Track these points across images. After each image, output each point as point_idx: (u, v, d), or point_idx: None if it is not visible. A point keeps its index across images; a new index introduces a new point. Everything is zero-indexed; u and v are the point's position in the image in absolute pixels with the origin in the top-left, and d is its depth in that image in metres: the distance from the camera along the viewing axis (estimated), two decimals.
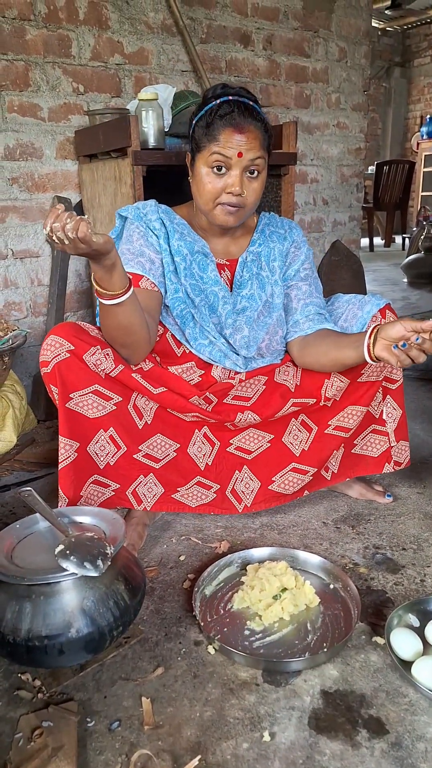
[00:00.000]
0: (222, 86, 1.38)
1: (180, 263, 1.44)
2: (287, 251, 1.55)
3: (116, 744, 0.94)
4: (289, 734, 0.95)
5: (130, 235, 1.43)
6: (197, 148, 1.35)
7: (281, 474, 1.55)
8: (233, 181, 1.33)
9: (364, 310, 1.47)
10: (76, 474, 1.36)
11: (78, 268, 2.44)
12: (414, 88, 8.67)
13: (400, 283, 5.27)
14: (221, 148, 1.30)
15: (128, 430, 1.40)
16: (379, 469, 1.61)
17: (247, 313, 1.49)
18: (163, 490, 1.47)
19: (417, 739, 0.94)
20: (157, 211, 1.45)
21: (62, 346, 1.30)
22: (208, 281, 1.47)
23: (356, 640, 1.15)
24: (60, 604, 1.02)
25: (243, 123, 1.30)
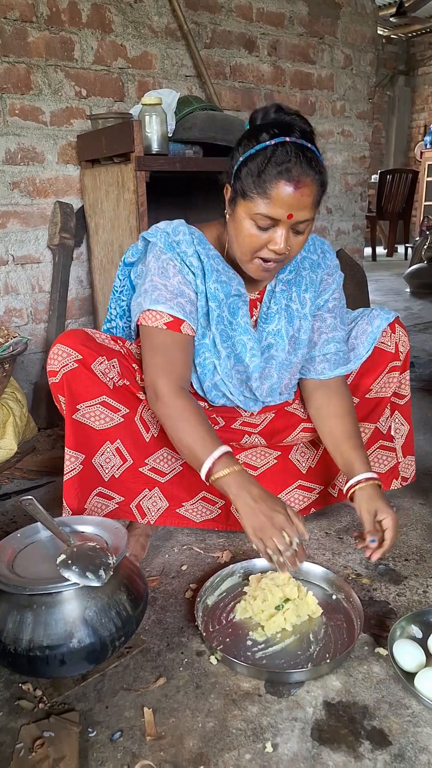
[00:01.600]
0: (276, 110, 1.19)
1: (214, 309, 1.31)
2: (321, 279, 1.40)
3: (118, 755, 0.94)
4: (292, 745, 0.95)
5: (164, 268, 1.27)
6: (242, 193, 1.16)
7: (287, 491, 1.54)
8: (278, 239, 1.17)
9: (373, 325, 1.46)
10: (81, 486, 1.33)
11: (80, 275, 2.43)
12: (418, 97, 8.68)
13: (402, 293, 5.27)
14: (271, 208, 1.13)
15: (135, 442, 1.37)
16: (386, 485, 1.59)
17: (272, 352, 1.38)
18: (167, 504, 1.44)
19: (420, 750, 0.93)
20: (193, 242, 1.28)
21: (70, 356, 1.27)
22: (238, 328, 1.34)
23: (359, 651, 1.14)
24: (61, 614, 1.01)
25: (300, 177, 1.12)
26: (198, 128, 2.21)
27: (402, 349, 1.48)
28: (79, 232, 2.36)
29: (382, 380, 1.50)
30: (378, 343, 1.47)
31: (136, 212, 1.98)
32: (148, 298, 1.26)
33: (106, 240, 2.23)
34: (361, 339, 1.47)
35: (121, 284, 1.44)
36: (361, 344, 1.46)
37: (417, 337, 3.55)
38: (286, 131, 1.13)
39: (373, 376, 1.49)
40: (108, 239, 2.21)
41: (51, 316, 2.35)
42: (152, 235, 1.30)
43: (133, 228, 2.01)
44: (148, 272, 1.28)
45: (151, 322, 1.26)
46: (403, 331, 1.49)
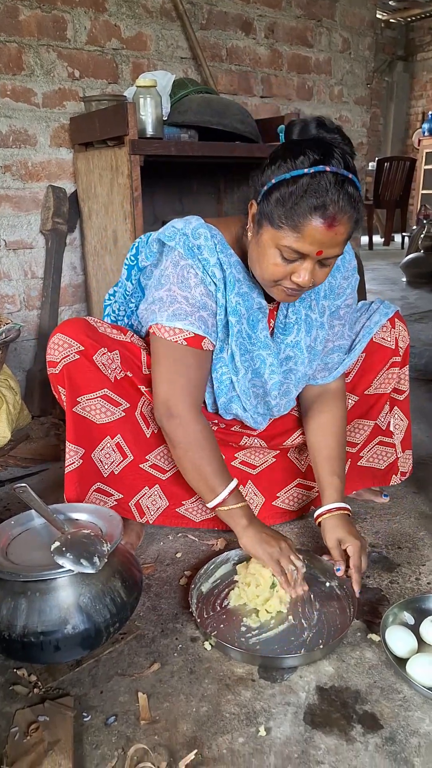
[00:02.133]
0: (317, 125, 1.08)
1: (234, 325, 1.24)
2: (338, 284, 1.32)
3: (112, 738, 0.95)
4: (285, 729, 0.96)
5: (184, 276, 1.19)
6: (270, 219, 1.07)
7: (286, 490, 1.54)
8: (303, 274, 1.10)
9: (372, 320, 1.44)
10: (80, 480, 1.30)
11: (73, 261, 2.41)
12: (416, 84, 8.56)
13: (399, 283, 5.26)
14: (300, 243, 1.05)
15: (136, 438, 1.34)
16: (386, 481, 1.59)
17: (291, 365, 1.33)
18: (167, 504, 1.42)
19: (411, 734, 0.95)
20: (215, 248, 1.18)
21: (71, 347, 1.23)
22: (257, 342, 1.28)
23: (352, 637, 1.16)
24: (56, 601, 1.02)
25: (336, 215, 1.03)
26: (193, 111, 2.18)
27: (402, 345, 1.46)
28: (73, 217, 2.34)
29: (382, 376, 1.48)
30: (378, 339, 1.45)
31: (130, 197, 1.95)
32: (164, 310, 1.19)
33: (99, 225, 2.21)
34: (360, 333, 1.44)
35: (133, 288, 1.37)
36: (358, 341, 1.44)
37: (413, 327, 3.55)
38: (326, 156, 1.03)
39: (374, 373, 1.48)
40: (102, 224, 2.19)
41: (44, 303, 2.33)
42: (170, 238, 1.20)
43: (127, 213, 1.99)
44: (166, 280, 1.20)
45: (168, 336, 1.19)
46: (402, 326, 1.47)
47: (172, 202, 2.57)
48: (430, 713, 0.98)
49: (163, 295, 1.20)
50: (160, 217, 2.50)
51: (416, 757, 0.91)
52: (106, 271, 2.24)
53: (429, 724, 0.96)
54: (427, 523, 1.55)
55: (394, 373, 1.48)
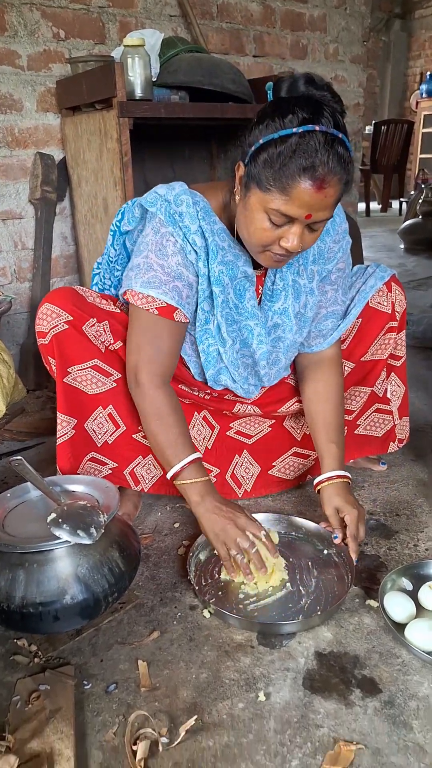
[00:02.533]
0: (306, 81, 1.04)
1: (218, 295, 1.21)
2: (327, 248, 1.29)
3: (113, 705, 0.96)
4: (284, 694, 0.97)
5: (162, 245, 1.16)
6: (257, 181, 1.04)
7: (282, 458, 1.53)
8: (292, 238, 1.06)
9: (367, 284, 1.41)
10: (73, 451, 1.30)
11: (63, 231, 2.36)
12: (414, 43, 8.26)
13: (396, 249, 5.19)
14: (288, 206, 1.02)
15: (128, 408, 1.32)
16: (384, 449, 1.58)
17: (279, 332, 1.31)
18: (161, 473, 1.39)
19: (409, 697, 0.95)
20: (197, 215, 1.16)
21: (59, 317, 1.21)
22: (244, 312, 1.26)
23: (350, 603, 1.16)
24: (54, 572, 1.02)
25: (326, 177, 1.00)
26: (183, 72, 2.11)
27: (398, 309, 1.44)
28: (62, 185, 2.28)
29: (379, 342, 1.46)
30: (373, 304, 1.42)
31: (120, 162, 1.90)
32: (140, 277, 1.17)
33: (89, 193, 2.15)
34: (356, 298, 1.42)
35: (117, 254, 1.34)
36: (353, 305, 1.41)
37: (410, 294, 3.49)
38: (316, 115, 0.99)
39: (370, 339, 1.46)
40: (91, 192, 2.13)
41: (35, 275, 2.29)
42: (152, 203, 1.17)
43: (117, 179, 1.94)
44: (146, 245, 1.18)
45: (141, 303, 1.18)
46: (399, 290, 1.44)
47: (163, 168, 2.51)
48: (429, 677, 0.99)
49: (141, 261, 1.18)
50: (152, 183, 2.42)
51: (415, 719, 0.92)
52: (97, 241, 2.19)
53: (427, 688, 0.97)
54: (424, 490, 1.55)
55: (391, 338, 1.46)
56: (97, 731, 0.92)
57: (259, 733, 0.90)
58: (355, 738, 0.89)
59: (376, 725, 0.91)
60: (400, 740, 0.89)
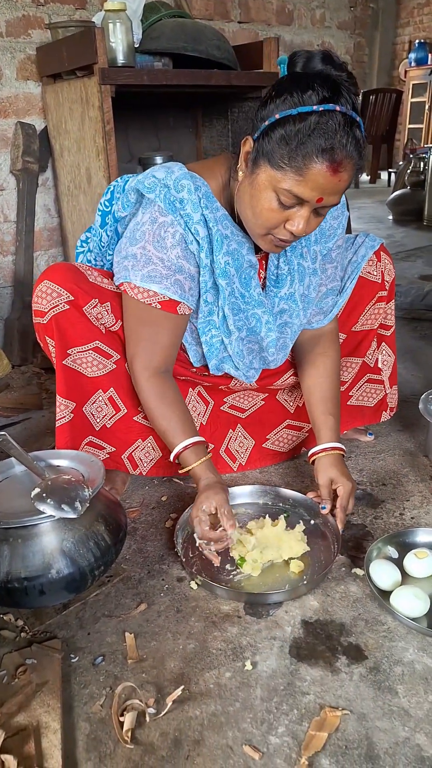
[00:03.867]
0: (323, 58, 0.99)
1: (225, 287, 1.17)
2: (329, 226, 1.25)
3: (100, 678, 0.96)
4: (271, 663, 0.97)
5: (161, 236, 1.11)
6: (269, 158, 1.00)
7: (276, 431, 1.52)
8: (299, 221, 1.03)
9: (358, 254, 1.39)
10: (72, 434, 1.26)
11: (46, 203, 2.32)
12: (403, 10, 8.07)
13: (385, 221, 5.15)
14: (301, 188, 0.98)
15: (128, 390, 1.29)
16: (376, 418, 1.58)
17: (286, 318, 1.27)
18: (160, 455, 1.39)
19: (394, 663, 0.96)
20: (199, 203, 1.09)
21: (60, 296, 1.16)
22: (251, 301, 1.22)
23: (336, 572, 1.17)
24: (39, 546, 1.01)
25: (343, 161, 0.97)
26: (166, 37, 2.06)
27: (388, 278, 1.43)
28: (44, 156, 2.23)
29: (369, 312, 1.45)
30: (364, 273, 1.40)
31: (102, 131, 1.86)
32: (138, 270, 1.12)
33: (72, 163, 2.11)
34: (347, 270, 1.40)
35: (109, 239, 1.28)
36: (348, 278, 1.39)
37: (399, 265, 3.50)
38: (335, 95, 0.95)
39: (361, 309, 1.45)
40: (74, 162, 2.09)
41: (18, 248, 2.25)
42: (150, 189, 1.10)
43: (99, 149, 1.90)
44: (142, 235, 1.12)
45: (142, 297, 1.14)
46: (388, 259, 1.43)
47: (147, 138, 2.46)
48: (414, 643, 1.00)
49: (137, 252, 1.13)
50: (136, 153, 2.39)
51: (399, 684, 0.93)
52: (81, 212, 2.15)
53: (412, 654, 0.98)
54: (411, 459, 1.55)
55: (381, 308, 1.45)
56: (84, 703, 0.92)
57: (246, 702, 0.91)
58: (341, 704, 0.90)
59: (361, 691, 0.92)
60: (385, 705, 0.89)
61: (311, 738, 0.84)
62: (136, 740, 0.85)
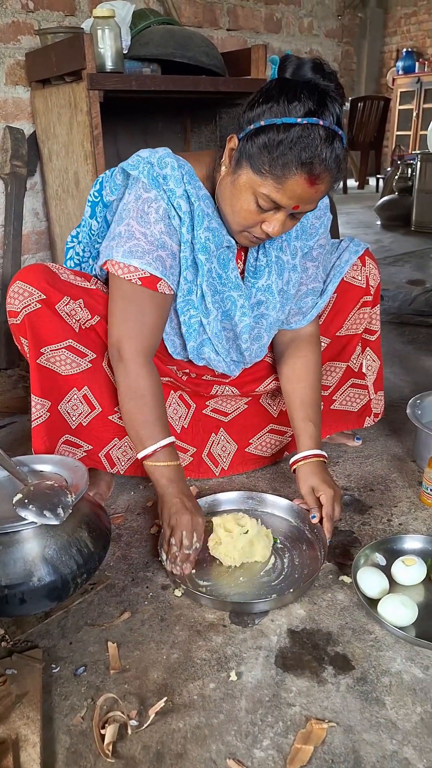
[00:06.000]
0: (313, 67, 1.01)
1: (204, 263, 1.17)
2: (310, 224, 1.28)
3: (82, 689, 0.93)
4: (256, 673, 0.95)
5: (144, 211, 1.11)
6: (251, 162, 1.03)
7: (259, 436, 1.51)
8: (275, 224, 1.07)
9: (342, 259, 1.39)
10: (48, 434, 1.25)
11: (35, 207, 2.30)
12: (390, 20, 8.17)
13: (373, 226, 5.18)
14: (279, 195, 1.02)
15: (104, 389, 1.28)
16: (359, 423, 1.57)
17: (263, 309, 1.28)
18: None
19: (382, 673, 0.95)
20: (182, 179, 1.11)
21: (32, 295, 1.16)
22: (228, 282, 1.22)
23: (323, 579, 1.15)
24: (20, 554, 0.99)
25: (321, 174, 1.01)
26: (155, 44, 2.06)
27: (372, 283, 1.42)
28: (32, 160, 2.22)
29: (354, 316, 1.44)
30: (348, 278, 1.40)
31: (91, 136, 1.85)
32: (121, 247, 1.12)
33: (60, 167, 2.09)
34: (330, 273, 1.39)
35: (99, 226, 1.27)
36: (330, 281, 1.39)
37: (386, 270, 3.51)
38: (320, 107, 0.98)
39: (345, 313, 1.44)
40: (62, 166, 2.08)
41: (6, 252, 2.23)
42: (134, 166, 1.12)
43: (87, 153, 1.89)
44: (127, 213, 1.13)
45: (122, 273, 1.13)
46: (373, 264, 1.43)
47: (136, 143, 2.45)
48: (401, 652, 0.98)
49: (122, 229, 1.13)
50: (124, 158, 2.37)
51: (387, 696, 0.91)
52: (69, 216, 2.14)
53: (400, 663, 0.96)
54: (399, 465, 1.54)
55: (366, 312, 1.44)
56: (65, 715, 0.89)
57: (230, 714, 0.89)
58: (327, 716, 0.88)
59: (348, 702, 0.90)
60: (372, 717, 0.88)
61: (297, 751, 0.82)
62: (117, 754, 0.83)
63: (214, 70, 2.12)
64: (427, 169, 4.76)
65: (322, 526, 1.21)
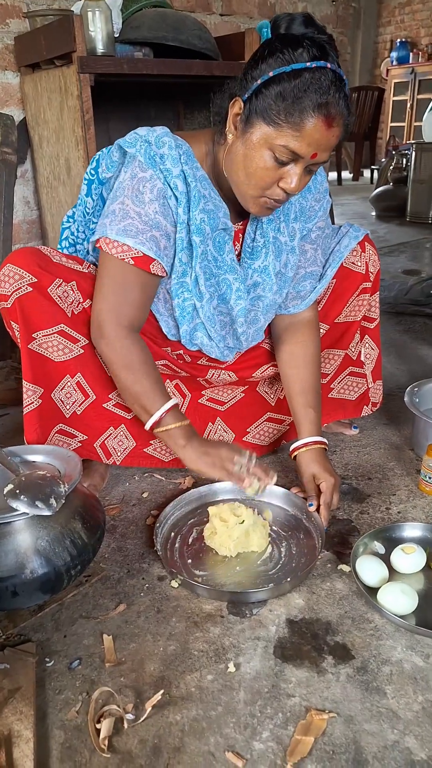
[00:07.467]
0: (303, 21, 1.01)
1: (198, 245, 1.14)
2: (309, 206, 1.26)
3: (76, 683, 0.91)
4: (255, 664, 0.93)
5: (139, 191, 1.08)
6: (265, 116, 1.00)
7: (256, 424, 1.49)
8: (294, 178, 1.04)
9: (341, 244, 1.37)
10: (41, 422, 1.22)
11: (26, 195, 2.27)
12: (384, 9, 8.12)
13: (368, 217, 5.16)
14: (298, 143, 0.99)
15: (97, 376, 1.25)
16: (357, 412, 1.56)
17: (259, 291, 1.26)
18: (134, 444, 1.35)
19: (382, 663, 0.93)
20: (179, 158, 1.09)
21: (23, 278, 1.13)
22: (223, 266, 1.20)
23: (322, 568, 1.13)
24: (12, 545, 0.96)
25: (336, 115, 0.99)
26: (147, 27, 2.02)
27: (372, 269, 1.40)
28: (23, 147, 2.18)
29: (353, 303, 1.42)
30: (347, 264, 1.38)
31: (81, 120, 1.81)
32: (115, 225, 1.09)
33: (51, 154, 2.06)
34: (329, 259, 1.37)
35: (94, 204, 1.24)
36: (329, 265, 1.37)
37: (382, 260, 3.47)
38: (324, 53, 0.97)
39: (344, 299, 1.42)
40: (53, 152, 2.04)
41: None
42: (131, 144, 1.09)
43: (79, 138, 1.85)
44: (122, 191, 1.10)
45: (115, 252, 1.10)
46: (373, 250, 1.40)
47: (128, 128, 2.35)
48: (402, 641, 0.97)
49: (116, 207, 1.10)
50: None
51: (388, 685, 0.89)
52: (60, 204, 2.11)
53: (400, 652, 0.95)
54: (396, 453, 1.52)
55: (365, 299, 1.42)
56: (59, 710, 0.87)
57: (229, 705, 0.87)
58: (328, 706, 0.86)
59: (348, 692, 0.88)
60: (373, 707, 0.86)
61: (297, 743, 0.81)
62: (113, 748, 0.81)
63: (208, 54, 2.08)
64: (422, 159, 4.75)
65: (319, 513, 1.19)
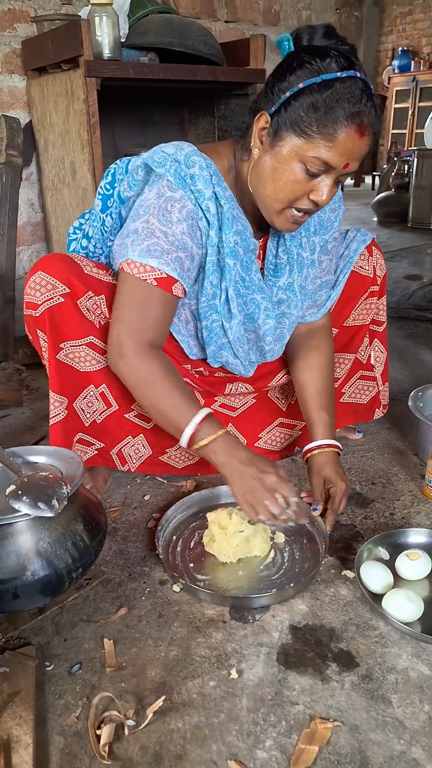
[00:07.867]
0: (325, 33, 1.01)
1: (232, 267, 1.12)
2: (327, 218, 1.25)
3: (77, 687, 0.90)
4: (257, 671, 0.92)
5: (167, 210, 1.05)
6: (297, 128, 0.98)
7: (268, 430, 1.48)
8: (324, 190, 1.02)
9: (350, 248, 1.37)
10: (65, 432, 1.20)
11: (30, 198, 2.27)
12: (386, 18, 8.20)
13: (370, 222, 5.18)
14: (332, 154, 0.98)
15: (122, 387, 1.19)
16: (369, 415, 1.55)
17: (284, 308, 1.24)
18: (150, 452, 1.35)
19: (387, 670, 0.92)
20: (210, 179, 1.05)
21: (56, 288, 1.10)
22: (251, 285, 1.18)
23: (325, 574, 1.12)
24: (13, 547, 0.95)
25: (368, 124, 0.98)
26: (153, 32, 2.02)
27: (379, 273, 1.41)
28: (28, 150, 2.18)
29: (361, 306, 1.42)
30: (356, 268, 1.38)
31: (87, 124, 1.81)
32: (138, 245, 1.05)
33: (56, 157, 2.06)
34: (339, 263, 1.37)
35: (113, 223, 1.21)
36: (341, 272, 1.36)
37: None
38: (351, 63, 0.97)
39: (353, 303, 1.42)
40: (59, 156, 2.04)
41: (0, 242, 2.19)
42: (160, 164, 1.05)
43: (84, 142, 1.85)
44: (146, 210, 1.06)
45: (137, 272, 1.06)
46: (379, 254, 1.41)
47: (133, 134, 2.42)
48: (407, 649, 0.95)
49: (140, 226, 1.06)
50: (122, 149, 2.35)
51: (393, 693, 0.88)
52: (65, 207, 2.10)
53: (406, 660, 0.93)
54: (400, 458, 1.51)
55: (373, 303, 1.43)
56: (59, 715, 0.86)
57: (231, 713, 0.85)
58: (332, 714, 0.85)
59: (353, 701, 0.87)
60: (378, 716, 0.85)
61: (301, 752, 0.79)
62: (113, 755, 0.80)
63: (213, 60, 2.09)
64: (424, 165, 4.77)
65: (324, 518, 1.18)
